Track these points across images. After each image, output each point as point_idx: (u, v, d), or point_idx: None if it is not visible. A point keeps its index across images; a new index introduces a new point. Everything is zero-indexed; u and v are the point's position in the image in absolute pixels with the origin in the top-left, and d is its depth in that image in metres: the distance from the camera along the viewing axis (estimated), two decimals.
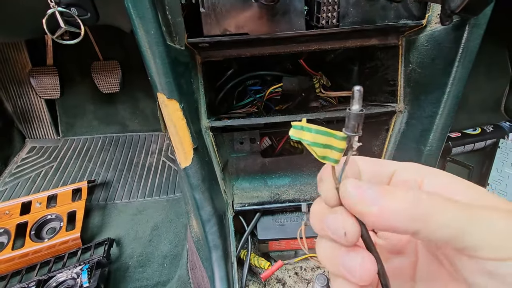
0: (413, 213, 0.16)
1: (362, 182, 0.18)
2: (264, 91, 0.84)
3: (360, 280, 0.18)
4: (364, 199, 0.17)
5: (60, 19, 0.50)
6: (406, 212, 0.16)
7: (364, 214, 0.17)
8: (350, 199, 0.18)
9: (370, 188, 0.18)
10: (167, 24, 0.45)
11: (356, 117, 0.18)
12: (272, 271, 0.61)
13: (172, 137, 0.48)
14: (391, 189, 0.17)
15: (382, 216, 0.17)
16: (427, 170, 0.21)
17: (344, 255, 0.19)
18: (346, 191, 0.18)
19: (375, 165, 0.22)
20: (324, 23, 0.51)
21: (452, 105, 0.51)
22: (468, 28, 0.46)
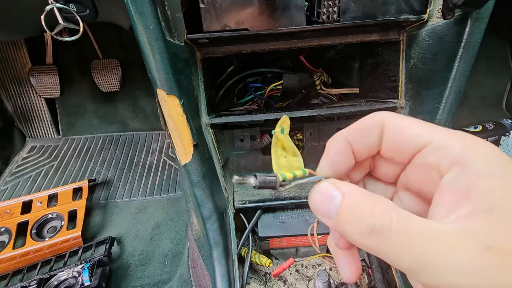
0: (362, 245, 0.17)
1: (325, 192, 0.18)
2: (264, 88, 0.84)
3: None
4: (321, 211, 0.18)
5: (59, 16, 0.49)
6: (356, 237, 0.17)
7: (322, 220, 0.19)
8: (311, 205, 0.19)
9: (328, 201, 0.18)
10: (167, 19, 0.44)
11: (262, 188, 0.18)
12: (283, 268, 0.61)
13: (172, 133, 0.48)
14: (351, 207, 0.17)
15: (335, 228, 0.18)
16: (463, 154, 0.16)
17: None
18: (310, 198, 0.19)
19: (404, 131, 0.19)
20: (325, 18, 0.51)
21: (454, 100, 0.51)
22: (470, 22, 0.45)
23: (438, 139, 0.18)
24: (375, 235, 0.16)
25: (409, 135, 0.19)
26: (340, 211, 0.17)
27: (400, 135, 0.20)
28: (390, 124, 0.20)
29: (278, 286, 0.64)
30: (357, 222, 0.17)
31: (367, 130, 0.21)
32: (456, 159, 0.17)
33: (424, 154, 0.19)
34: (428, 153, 0.18)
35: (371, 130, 0.21)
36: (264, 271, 0.67)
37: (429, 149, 0.18)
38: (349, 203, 0.17)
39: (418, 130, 0.19)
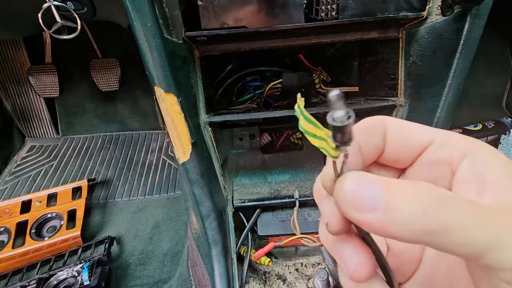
0: (426, 227, 0.13)
1: (361, 179, 0.14)
2: (263, 87, 0.84)
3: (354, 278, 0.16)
4: (361, 204, 0.14)
5: (56, 13, 0.49)
6: (415, 225, 0.13)
7: (357, 221, 0.14)
8: (341, 203, 0.15)
9: (369, 188, 0.14)
10: (164, 17, 0.44)
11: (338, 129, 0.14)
12: (264, 251, 0.60)
13: (170, 131, 0.48)
14: (399, 188, 0.14)
15: (383, 225, 0.13)
16: (469, 146, 0.17)
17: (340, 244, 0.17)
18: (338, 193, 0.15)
19: (407, 131, 0.19)
20: (323, 15, 0.51)
21: (453, 97, 0.50)
22: (469, 18, 0.45)
23: (441, 137, 0.18)
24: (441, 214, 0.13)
25: (414, 133, 0.19)
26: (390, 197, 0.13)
27: (405, 133, 0.19)
28: (393, 123, 0.19)
29: (278, 285, 0.64)
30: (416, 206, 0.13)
31: (371, 128, 0.19)
32: (465, 151, 0.17)
33: (432, 151, 0.18)
34: (436, 149, 0.18)
35: (375, 129, 0.19)
36: (263, 270, 0.67)
37: (435, 146, 0.18)
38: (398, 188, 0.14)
39: (420, 129, 0.19)
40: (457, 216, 0.13)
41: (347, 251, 0.17)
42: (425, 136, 0.18)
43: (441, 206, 0.13)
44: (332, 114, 0.13)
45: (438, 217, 0.13)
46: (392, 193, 0.14)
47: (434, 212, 0.13)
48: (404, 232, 0.13)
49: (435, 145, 0.18)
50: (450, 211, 0.13)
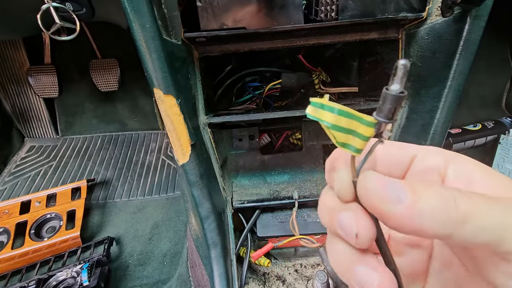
0: (449, 214, 0.14)
1: (384, 176, 0.15)
2: (263, 87, 0.83)
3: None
4: (388, 197, 0.14)
5: (55, 15, 0.49)
6: (440, 213, 0.14)
7: (386, 214, 0.15)
8: (371, 196, 0.15)
9: (395, 184, 0.15)
10: (163, 18, 0.44)
11: (395, 100, 0.14)
12: (262, 252, 0.60)
13: (169, 133, 0.47)
14: (420, 184, 0.15)
15: (409, 217, 0.14)
16: (449, 155, 0.18)
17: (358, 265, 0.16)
18: (367, 186, 0.15)
19: (392, 148, 0.20)
20: (323, 16, 0.51)
21: (453, 98, 0.50)
22: (469, 19, 0.45)
23: (422, 150, 0.19)
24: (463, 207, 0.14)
25: (399, 148, 0.20)
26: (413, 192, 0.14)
27: (391, 149, 0.20)
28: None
29: (277, 286, 0.64)
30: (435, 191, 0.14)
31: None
32: (448, 158, 0.18)
33: (419, 162, 0.19)
34: (422, 160, 0.19)
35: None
36: (263, 271, 0.67)
37: (420, 157, 0.19)
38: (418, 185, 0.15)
39: (403, 145, 0.20)
40: (475, 204, 0.14)
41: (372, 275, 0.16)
42: (409, 150, 0.20)
43: (459, 198, 0.14)
44: (391, 84, 0.14)
45: (459, 206, 0.14)
46: (414, 189, 0.15)
47: (454, 202, 0.14)
48: (429, 223, 0.14)
49: (420, 156, 0.19)
50: (468, 201, 0.14)
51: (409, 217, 0.14)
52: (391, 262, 0.17)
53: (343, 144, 0.16)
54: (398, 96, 0.14)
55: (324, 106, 0.16)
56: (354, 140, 0.16)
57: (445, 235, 0.14)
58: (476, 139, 1.13)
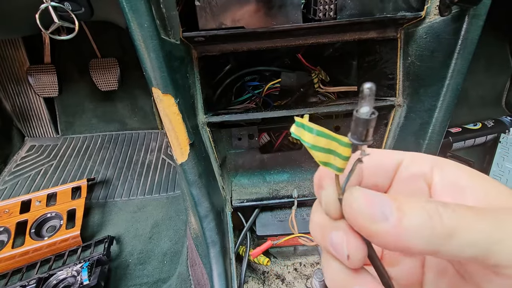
0: (434, 230, 0.13)
1: (369, 192, 0.15)
2: (262, 86, 0.84)
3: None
4: (372, 215, 0.14)
5: (54, 14, 0.49)
6: (425, 229, 0.14)
7: (372, 233, 0.14)
8: (356, 215, 0.15)
9: (379, 200, 0.15)
10: (161, 17, 0.44)
11: (365, 123, 0.14)
12: (261, 250, 0.60)
13: (168, 132, 0.48)
14: (404, 199, 0.15)
15: (395, 235, 0.14)
16: (435, 161, 0.18)
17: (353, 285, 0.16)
18: (352, 205, 0.15)
19: (376, 156, 0.20)
20: (321, 15, 0.51)
21: (452, 98, 0.50)
22: (467, 19, 0.45)
23: (408, 156, 0.19)
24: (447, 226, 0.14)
25: (383, 155, 0.20)
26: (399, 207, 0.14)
27: (376, 157, 0.20)
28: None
29: (276, 285, 0.64)
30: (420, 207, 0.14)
31: None
32: (431, 165, 0.18)
33: (404, 169, 0.19)
34: (407, 167, 0.19)
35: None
36: (262, 269, 0.67)
37: (405, 164, 0.19)
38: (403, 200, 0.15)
39: (388, 152, 0.20)
40: (460, 218, 0.14)
41: None
42: (394, 157, 0.20)
43: (444, 212, 0.14)
44: (360, 107, 0.14)
45: (444, 221, 0.14)
46: (399, 204, 0.14)
47: (439, 217, 0.14)
48: (415, 241, 0.14)
49: (405, 163, 0.19)
50: (453, 215, 0.14)
51: (395, 235, 0.14)
52: (384, 275, 0.17)
53: (325, 163, 0.16)
54: (368, 119, 0.14)
55: (304, 126, 0.16)
56: (335, 159, 0.16)
57: (432, 251, 0.14)
58: (476, 138, 1.13)
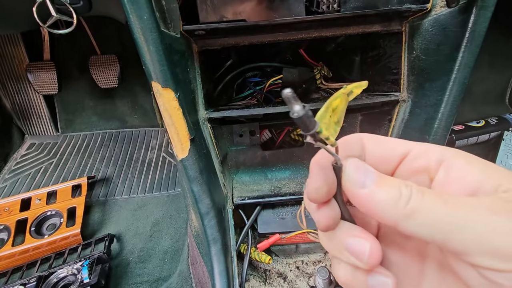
0: (396, 208, 0.16)
1: (363, 164, 0.18)
2: (264, 83, 0.82)
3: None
4: (355, 181, 0.17)
5: (51, 7, 0.48)
6: (389, 205, 0.16)
7: (351, 194, 0.18)
8: (344, 177, 0.18)
9: (365, 170, 0.18)
10: (161, 10, 0.43)
11: (298, 121, 0.16)
12: (269, 243, 0.59)
13: (168, 127, 0.47)
14: (388, 178, 0.17)
15: (367, 201, 0.17)
16: (444, 154, 0.18)
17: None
18: (344, 169, 0.18)
19: (383, 144, 0.20)
20: (325, 8, 0.49)
21: (458, 92, 0.49)
22: (475, 10, 0.44)
23: (417, 147, 0.20)
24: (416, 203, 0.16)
25: (390, 146, 0.20)
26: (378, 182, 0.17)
27: (382, 146, 0.21)
28: (370, 139, 0.21)
29: (278, 283, 0.64)
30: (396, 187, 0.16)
31: (349, 145, 0.20)
32: (441, 159, 0.18)
33: (409, 162, 0.20)
34: (413, 160, 0.20)
35: (352, 145, 0.21)
36: (263, 267, 0.66)
37: (412, 156, 0.20)
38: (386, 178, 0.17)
39: (396, 142, 0.20)
40: (423, 201, 0.16)
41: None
42: (400, 148, 0.20)
43: (414, 194, 0.16)
44: (291, 109, 0.16)
45: (409, 202, 0.16)
46: (381, 179, 0.17)
47: (407, 198, 0.16)
48: (380, 210, 0.16)
49: (412, 156, 0.20)
50: (418, 198, 0.16)
51: (366, 201, 0.17)
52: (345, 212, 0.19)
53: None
54: (297, 118, 0.16)
55: None
56: None
57: (392, 224, 0.16)
58: (479, 136, 1.12)
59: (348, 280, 0.19)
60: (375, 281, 0.18)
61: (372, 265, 0.17)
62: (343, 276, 0.19)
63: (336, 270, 0.19)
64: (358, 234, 0.18)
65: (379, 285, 0.18)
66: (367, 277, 0.18)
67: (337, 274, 0.19)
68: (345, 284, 0.19)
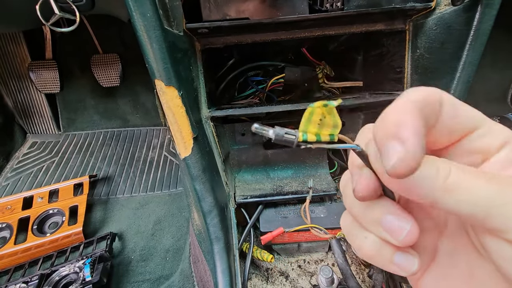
0: (435, 184, 0.15)
1: None
2: (266, 81, 0.82)
3: None
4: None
5: (54, 5, 0.48)
6: (428, 182, 0.15)
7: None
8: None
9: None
10: (164, 7, 0.43)
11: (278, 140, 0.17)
12: (273, 235, 0.59)
13: (171, 126, 0.47)
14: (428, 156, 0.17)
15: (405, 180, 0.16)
16: (509, 136, 0.17)
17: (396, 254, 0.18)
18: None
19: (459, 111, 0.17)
20: (328, 6, 0.49)
21: (463, 90, 0.49)
22: (480, 8, 0.44)
23: (487, 124, 0.18)
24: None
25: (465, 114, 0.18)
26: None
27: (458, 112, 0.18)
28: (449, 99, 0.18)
29: (280, 281, 0.64)
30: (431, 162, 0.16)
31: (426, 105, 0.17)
32: (506, 141, 0.17)
33: (474, 138, 0.18)
34: (477, 138, 0.18)
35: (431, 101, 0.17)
36: (265, 266, 0.66)
37: (478, 134, 0.18)
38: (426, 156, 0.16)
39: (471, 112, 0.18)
40: (464, 178, 0.15)
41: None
42: (474, 120, 0.18)
43: (454, 171, 0.15)
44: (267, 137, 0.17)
45: (449, 178, 0.15)
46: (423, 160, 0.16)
47: (446, 174, 0.15)
48: (419, 187, 0.16)
49: (479, 133, 0.18)
50: (459, 174, 0.15)
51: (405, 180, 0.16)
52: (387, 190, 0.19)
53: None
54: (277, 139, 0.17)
55: None
56: None
57: (429, 200, 0.16)
58: None
59: (372, 254, 0.18)
60: (402, 258, 0.18)
61: (407, 244, 0.17)
62: (368, 249, 0.18)
63: (361, 242, 0.19)
64: (399, 213, 0.17)
65: (405, 262, 0.18)
66: (395, 254, 0.18)
67: (362, 246, 0.19)
68: (368, 256, 0.19)
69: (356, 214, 0.19)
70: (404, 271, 0.18)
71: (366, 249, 0.19)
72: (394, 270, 0.18)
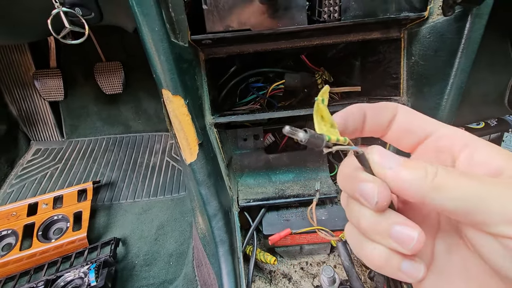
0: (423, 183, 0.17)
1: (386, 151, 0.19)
2: (266, 88, 0.84)
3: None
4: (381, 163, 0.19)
5: (65, 19, 0.50)
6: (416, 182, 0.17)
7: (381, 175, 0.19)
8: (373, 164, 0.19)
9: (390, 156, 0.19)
10: (171, 21, 0.45)
11: (309, 142, 0.18)
12: (280, 236, 0.61)
13: (177, 133, 0.48)
14: (408, 159, 0.19)
15: (394, 180, 0.18)
16: (470, 138, 0.20)
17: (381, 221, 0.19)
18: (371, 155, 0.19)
19: (413, 118, 0.22)
20: (326, 17, 0.52)
21: (456, 96, 0.51)
22: (470, 18, 0.46)
23: (444, 129, 0.21)
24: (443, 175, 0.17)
25: (420, 122, 0.22)
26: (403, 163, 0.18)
27: (412, 120, 0.22)
28: (403, 111, 0.22)
29: (283, 284, 0.65)
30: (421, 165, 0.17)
31: (381, 109, 0.23)
32: (466, 143, 0.20)
33: (434, 140, 0.21)
34: (438, 139, 0.21)
35: (385, 111, 0.22)
36: (269, 269, 0.68)
37: (437, 136, 0.21)
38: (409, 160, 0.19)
39: (426, 119, 0.22)
40: (451, 177, 0.17)
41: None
42: (429, 125, 0.21)
43: (440, 172, 0.17)
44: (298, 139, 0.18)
45: (436, 177, 0.17)
46: (405, 162, 0.18)
47: (434, 175, 0.17)
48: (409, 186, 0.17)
49: (437, 135, 0.21)
50: (446, 174, 0.17)
51: (395, 178, 0.18)
52: None
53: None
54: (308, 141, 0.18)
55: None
56: None
57: (419, 199, 0.17)
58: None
59: (381, 264, 0.19)
60: (409, 266, 0.19)
61: (416, 252, 0.18)
62: (377, 259, 0.19)
63: (370, 253, 0.20)
64: (406, 222, 0.18)
65: (412, 269, 0.19)
66: (402, 262, 0.19)
67: (371, 256, 0.19)
68: (377, 266, 0.19)
69: (364, 228, 0.20)
70: (411, 278, 0.19)
71: (375, 260, 0.19)
72: (402, 278, 0.19)
